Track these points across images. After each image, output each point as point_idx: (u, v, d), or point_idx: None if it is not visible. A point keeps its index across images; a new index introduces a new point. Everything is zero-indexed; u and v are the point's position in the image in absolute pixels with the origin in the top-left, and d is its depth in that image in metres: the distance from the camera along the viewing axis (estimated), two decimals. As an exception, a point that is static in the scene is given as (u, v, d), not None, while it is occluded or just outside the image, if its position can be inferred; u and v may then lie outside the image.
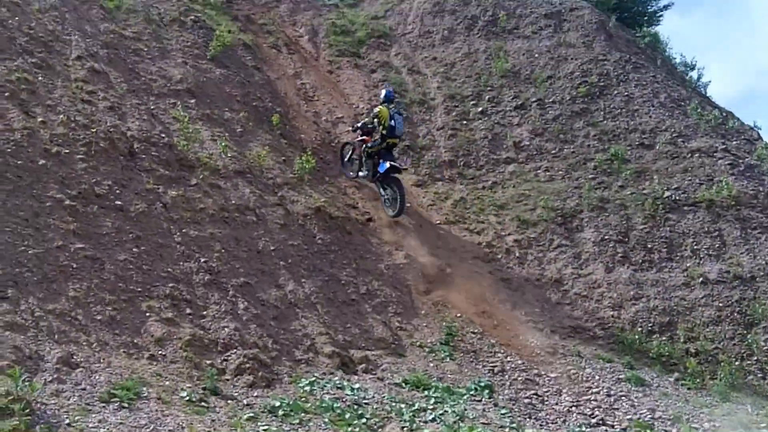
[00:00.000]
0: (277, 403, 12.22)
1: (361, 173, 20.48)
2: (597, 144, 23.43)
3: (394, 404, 13.28)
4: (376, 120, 20.10)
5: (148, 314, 13.14)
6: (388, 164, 19.36)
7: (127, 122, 16.85)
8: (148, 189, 15.55)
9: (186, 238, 15.13)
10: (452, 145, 23.35)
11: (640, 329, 18.57)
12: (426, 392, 14.14)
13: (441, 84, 25.46)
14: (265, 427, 11.44)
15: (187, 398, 11.66)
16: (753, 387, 17.38)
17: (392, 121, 19.68)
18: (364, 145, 20.22)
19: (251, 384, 12.80)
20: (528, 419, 14.14)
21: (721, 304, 19.00)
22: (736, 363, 17.78)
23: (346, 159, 21.21)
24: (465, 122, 24.14)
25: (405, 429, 12.44)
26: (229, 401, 12.07)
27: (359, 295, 16.81)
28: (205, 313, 13.82)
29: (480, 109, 24.54)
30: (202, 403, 11.69)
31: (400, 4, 28.91)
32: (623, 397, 15.70)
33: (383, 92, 20.46)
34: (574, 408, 14.96)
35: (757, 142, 23.98)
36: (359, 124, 20.69)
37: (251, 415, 11.71)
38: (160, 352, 12.60)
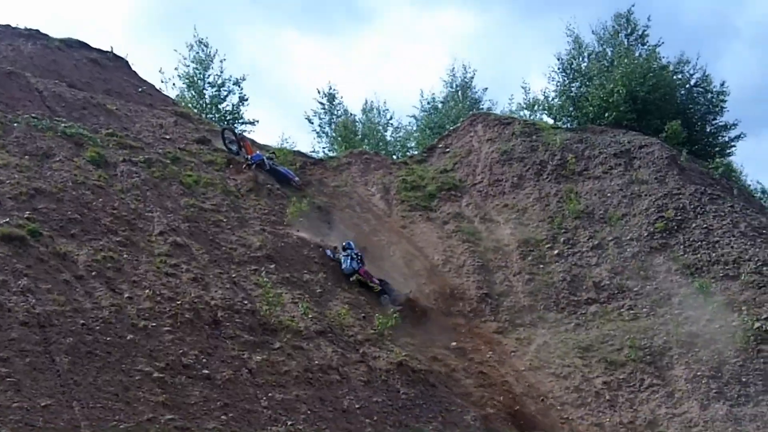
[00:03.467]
0: None
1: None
2: (680, 279, 23.13)
3: None
4: None
5: (238, 481, 13.15)
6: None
7: (211, 292, 17.35)
8: (233, 356, 15.83)
9: (272, 401, 15.25)
10: (530, 289, 23.32)
11: (743, 467, 17.83)
12: None
13: (514, 230, 25.67)
14: None
15: None
16: None
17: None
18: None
19: None
20: None
21: (826, 436, 18.19)
22: None
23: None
24: (542, 266, 24.16)
25: None
26: None
27: (448, 449, 16.57)
28: (294, 477, 13.77)
29: (556, 251, 24.59)
30: None
31: (467, 156, 29.56)
32: None
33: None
34: None
35: None
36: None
37: None
38: None
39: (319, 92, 40.31)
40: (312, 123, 39.40)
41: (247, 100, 35.79)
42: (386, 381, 17.69)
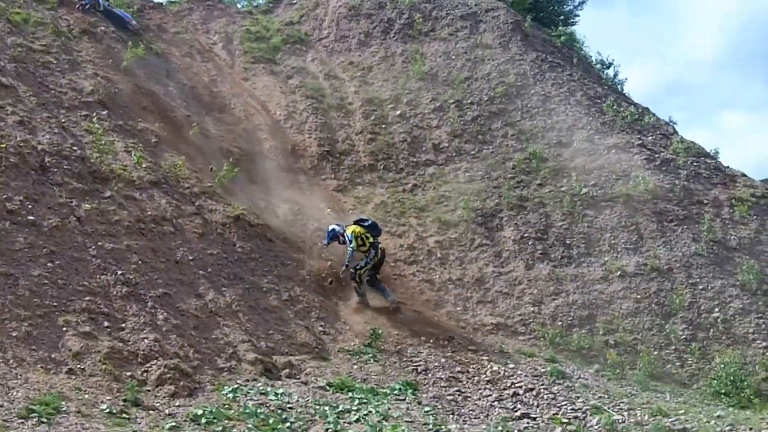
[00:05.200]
0: (200, 412, 12.03)
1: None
2: (515, 144, 23.74)
3: (318, 407, 13.24)
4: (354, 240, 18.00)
5: (65, 329, 12.85)
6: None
7: (38, 136, 16.51)
8: (61, 203, 15.24)
9: (102, 251, 14.86)
10: (372, 149, 23.45)
11: (560, 323, 18.92)
12: (350, 394, 14.12)
13: (358, 88, 25.55)
14: (188, 436, 11.32)
15: (108, 411, 11.40)
16: (671, 375, 17.84)
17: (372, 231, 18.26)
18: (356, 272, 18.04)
19: (173, 394, 12.56)
20: (451, 416, 14.23)
21: (639, 296, 19.44)
22: (655, 353, 18.22)
23: None
24: (384, 126, 24.26)
25: (329, 431, 12.41)
26: (150, 412, 11.84)
27: (281, 302, 16.73)
28: (123, 325, 13.57)
29: (398, 112, 24.69)
30: (123, 415, 11.43)
31: (314, 9, 28.94)
32: (545, 391, 15.89)
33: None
34: (496, 403, 15.08)
35: (672, 136, 24.49)
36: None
37: (174, 424, 11.51)
38: (78, 366, 12.33)
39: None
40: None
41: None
42: (222, 234, 17.56)
